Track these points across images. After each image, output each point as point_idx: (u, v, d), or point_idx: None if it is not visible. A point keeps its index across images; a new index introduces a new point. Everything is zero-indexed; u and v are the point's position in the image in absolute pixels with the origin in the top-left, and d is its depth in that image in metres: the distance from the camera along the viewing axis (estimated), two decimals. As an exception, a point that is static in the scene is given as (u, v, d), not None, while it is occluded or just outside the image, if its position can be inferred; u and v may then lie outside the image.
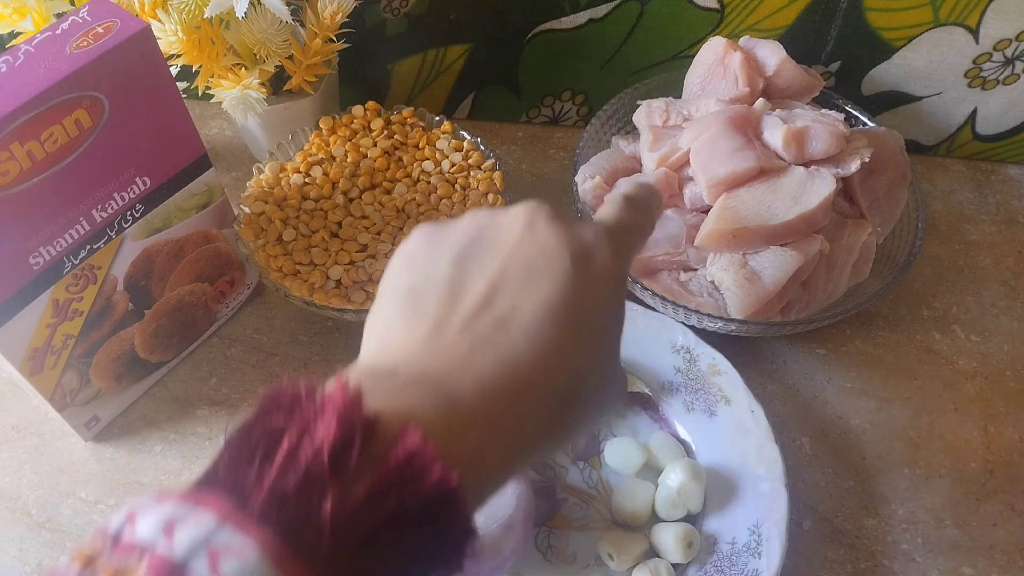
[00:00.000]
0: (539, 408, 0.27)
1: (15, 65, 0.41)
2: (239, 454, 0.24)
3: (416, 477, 0.23)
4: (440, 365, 0.27)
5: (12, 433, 0.57)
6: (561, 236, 0.30)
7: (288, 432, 0.23)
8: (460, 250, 0.30)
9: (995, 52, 0.63)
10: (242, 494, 0.22)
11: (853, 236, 0.57)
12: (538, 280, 0.29)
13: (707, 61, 0.61)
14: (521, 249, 0.30)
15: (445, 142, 0.61)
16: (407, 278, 0.31)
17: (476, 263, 0.30)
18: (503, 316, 0.28)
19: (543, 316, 0.28)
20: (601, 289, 0.30)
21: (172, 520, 0.22)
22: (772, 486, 0.50)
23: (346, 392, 0.24)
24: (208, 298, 0.59)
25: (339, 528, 0.22)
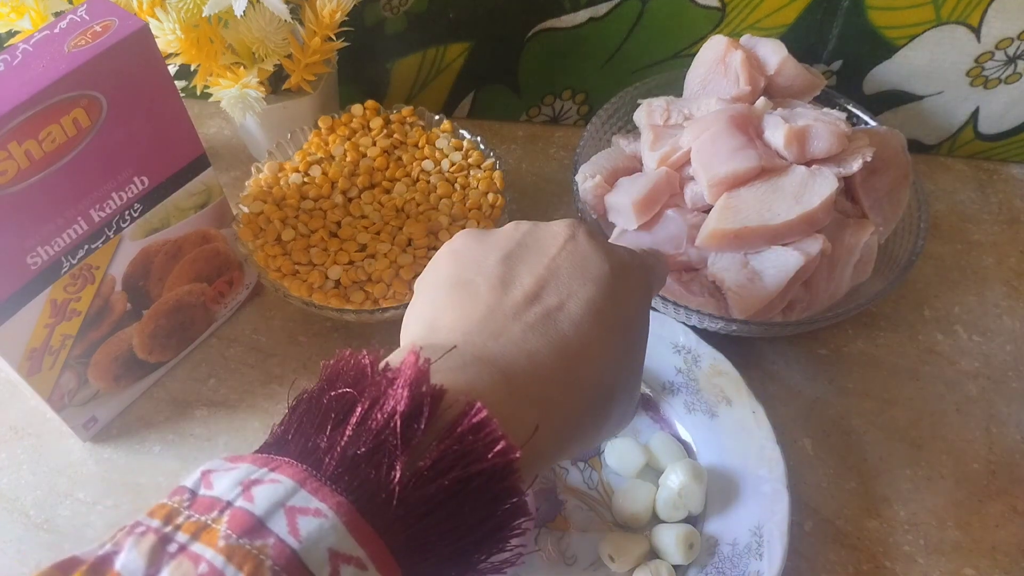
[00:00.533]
0: (584, 396, 0.29)
1: (13, 64, 0.41)
2: (308, 420, 0.24)
3: (480, 451, 0.24)
4: (497, 346, 0.28)
5: (10, 434, 0.56)
6: (601, 249, 0.32)
7: (360, 401, 0.24)
8: (507, 251, 0.32)
9: (997, 51, 0.63)
10: (316, 458, 0.23)
11: (855, 236, 0.56)
12: (583, 281, 0.30)
13: (708, 60, 0.61)
14: (564, 255, 0.32)
15: (445, 141, 0.61)
16: (455, 272, 0.32)
17: (523, 263, 0.31)
18: (552, 308, 0.29)
19: (589, 312, 0.30)
20: (636, 300, 0.32)
21: (249, 480, 0.22)
22: (773, 487, 0.50)
23: (417, 363, 0.25)
24: (207, 298, 0.58)
25: (406, 495, 0.23)
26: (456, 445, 0.24)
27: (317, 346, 0.60)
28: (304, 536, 0.21)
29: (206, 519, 0.21)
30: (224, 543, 0.21)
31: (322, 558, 0.21)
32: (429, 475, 0.23)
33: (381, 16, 0.66)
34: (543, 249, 0.32)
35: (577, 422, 0.29)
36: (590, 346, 0.29)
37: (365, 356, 0.26)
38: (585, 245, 0.32)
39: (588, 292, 0.30)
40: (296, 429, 0.24)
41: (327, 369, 0.26)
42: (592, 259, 0.32)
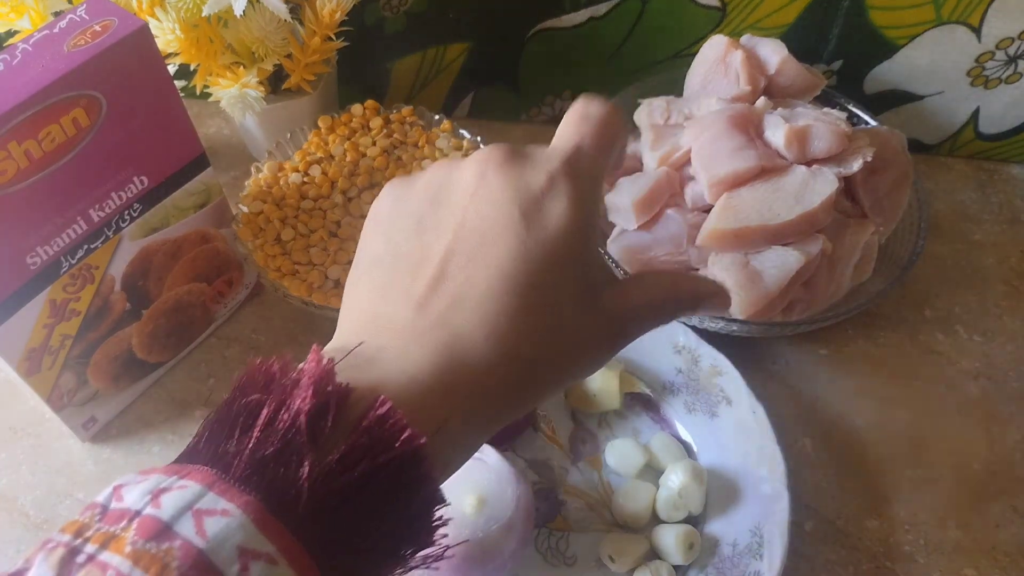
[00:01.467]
0: (498, 378, 0.28)
1: (12, 64, 0.41)
2: (219, 428, 0.25)
3: (387, 441, 0.24)
4: (400, 343, 0.27)
5: (9, 434, 0.56)
6: (511, 188, 0.29)
7: (267, 405, 0.24)
8: (419, 215, 0.31)
9: (997, 51, 0.63)
10: (224, 463, 0.24)
11: (855, 236, 0.56)
12: (489, 246, 0.28)
13: (708, 60, 0.61)
14: (473, 208, 0.29)
15: (445, 141, 0.61)
16: (373, 245, 0.31)
17: (432, 231, 0.30)
18: (457, 292, 0.28)
19: (495, 286, 0.28)
20: (557, 242, 0.29)
21: (158, 489, 0.23)
22: (774, 487, 0.50)
23: (320, 365, 0.25)
24: (206, 298, 0.58)
25: (316, 490, 0.23)
26: (363, 438, 0.24)
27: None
28: (211, 536, 0.22)
29: (115, 529, 0.22)
30: (131, 548, 0.21)
31: (230, 555, 0.21)
32: (338, 469, 0.24)
33: (381, 16, 0.66)
34: (453, 206, 0.30)
35: (496, 403, 0.28)
36: (499, 325, 0.28)
37: (274, 362, 0.26)
38: (494, 187, 0.29)
39: (495, 259, 0.28)
40: (207, 438, 0.25)
41: (239, 378, 0.26)
42: (500, 207, 0.29)
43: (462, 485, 0.46)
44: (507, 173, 0.30)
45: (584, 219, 0.30)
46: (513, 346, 0.28)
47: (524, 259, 0.28)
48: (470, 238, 0.29)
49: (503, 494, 0.46)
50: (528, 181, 0.30)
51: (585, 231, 0.30)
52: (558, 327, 0.29)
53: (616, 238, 0.58)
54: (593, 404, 0.54)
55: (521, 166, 0.30)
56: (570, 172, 0.30)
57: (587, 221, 0.30)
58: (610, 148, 0.33)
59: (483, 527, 0.45)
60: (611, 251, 0.57)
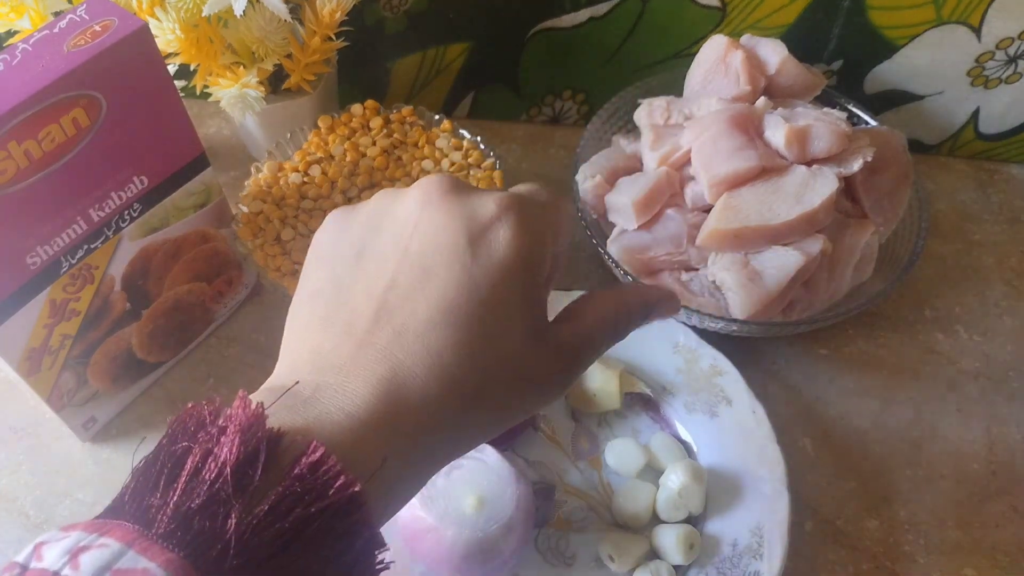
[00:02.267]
0: (441, 414, 0.27)
1: (12, 64, 0.41)
2: (144, 480, 0.24)
3: (320, 489, 0.23)
4: (339, 381, 0.26)
5: (9, 434, 0.56)
6: (457, 216, 0.28)
7: (192, 453, 0.23)
8: (362, 245, 0.29)
9: (998, 51, 0.63)
10: (147, 518, 0.22)
11: (855, 236, 0.56)
12: (432, 277, 0.28)
13: (708, 59, 0.61)
14: (417, 238, 0.28)
15: (445, 141, 0.61)
16: (316, 276, 0.30)
17: (375, 261, 0.29)
18: (400, 325, 0.27)
19: (437, 319, 0.27)
20: (503, 272, 0.28)
21: (77, 547, 0.22)
22: (774, 487, 0.50)
23: (248, 410, 0.24)
24: (206, 298, 0.58)
25: (244, 543, 0.22)
26: (294, 486, 0.23)
27: (317, 346, 0.59)
28: None
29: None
30: None
31: None
32: (268, 520, 0.22)
33: (381, 16, 0.66)
34: (396, 234, 0.29)
35: (440, 438, 0.27)
36: (441, 358, 0.26)
37: (204, 407, 0.25)
38: (439, 215, 0.28)
39: (438, 291, 0.27)
40: (132, 490, 0.24)
41: (170, 424, 0.25)
42: (444, 235, 0.28)
43: (462, 485, 0.46)
44: (453, 201, 0.29)
45: (532, 251, 0.29)
46: (456, 380, 0.27)
47: (469, 289, 0.27)
48: (413, 267, 0.28)
49: (503, 494, 0.46)
50: (475, 208, 0.29)
51: (533, 263, 0.29)
52: (504, 360, 0.28)
53: (616, 238, 0.58)
54: (593, 404, 0.54)
55: (467, 195, 0.29)
56: (518, 204, 0.29)
57: (535, 253, 0.29)
58: (562, 216, 0.32)
59: (483, 527, 0.45)
60: (611, 251, 0.57)
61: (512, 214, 0.29)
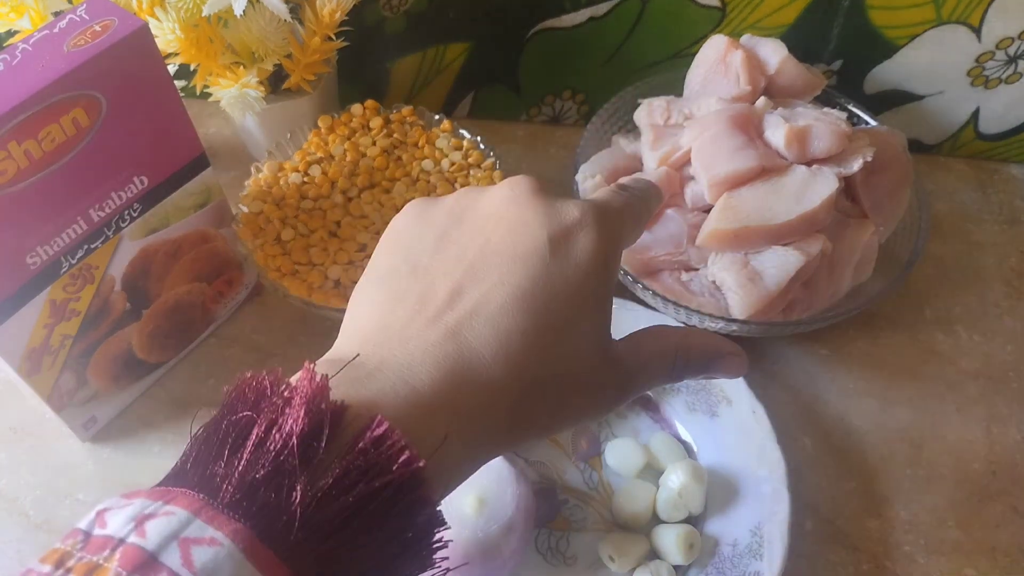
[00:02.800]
0: (502, 398, 0.27)
1: (12, 64, 0.41)
2: (207, 448, 0.24)
3: (383, 464, 0.23)
4: (405, 355, 0.27)
5: (9, 434, 0.56)
6: (542, 214, 0.29)
7: (257, 424, 0.23)
8: (443, 231, 0.30)
9: (998, 51, 0.63)
10: (212, 487, 0.23)
11: (855, 236, 0.56)
12: (512, 266, 0.28)
13: (708, 59, 0.61)
14: (500, 230, 0.29)
15: (445, 141, 0.61)
16: (390, 258, 0.31)
17: (455, 246, 0.29)
18: (473, 307, 0.27)
19: (511, 306, 0.27)
20: (579, 274, 0.28)
21: (143, 515, 0.22)
22: (774, 487, 0.50)
23: (313, 382, 0.24)
24: (206, 298, 0.58)
25: (309, 516, 0.22)
26: (358, 460, 0.23)
27: (317, 346, 0.59)
28: (199, 567, 0.20)
29: (98, 559, 0.21)
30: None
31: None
32: (332, 493, 0.23)
33: (381, 16, 0.66)
34: (480, 225, 0.30)
35: (499, 425, 0.27)
36: (509, 346, 0.27)
37: (265, 377, 0.25)
38: (525, 211, 0.29)
39: (516, 279, 0.28)
40: (195, 458, 0.24)
41: (228, 394, 0.25)
42: (527, 230, 0.29)
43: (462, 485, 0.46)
44: (539, 200, 0.30)
45: (608, 260, 0.30)
46: (520, 367, 0.27)
47: (545, 283, 0.28)
48: (493, 256, 0.29)
49: (503, 494, 0.46)
50: (560, 211, 0.30)
51: (609, 271, 0.30)
52: (567, 357, 0.28)
53: (616, 238, 0.58)
54: (593, 404, 0.54)
55: (553, 197, 0.30)
56: (601, 215, 0.30)
57: (611, 262, 0.30)
58: (643, 215, 0.34)
59: (483, 527, 0.45)
60: (611, 251, 0.57)
61: (596, 222, 0.30)
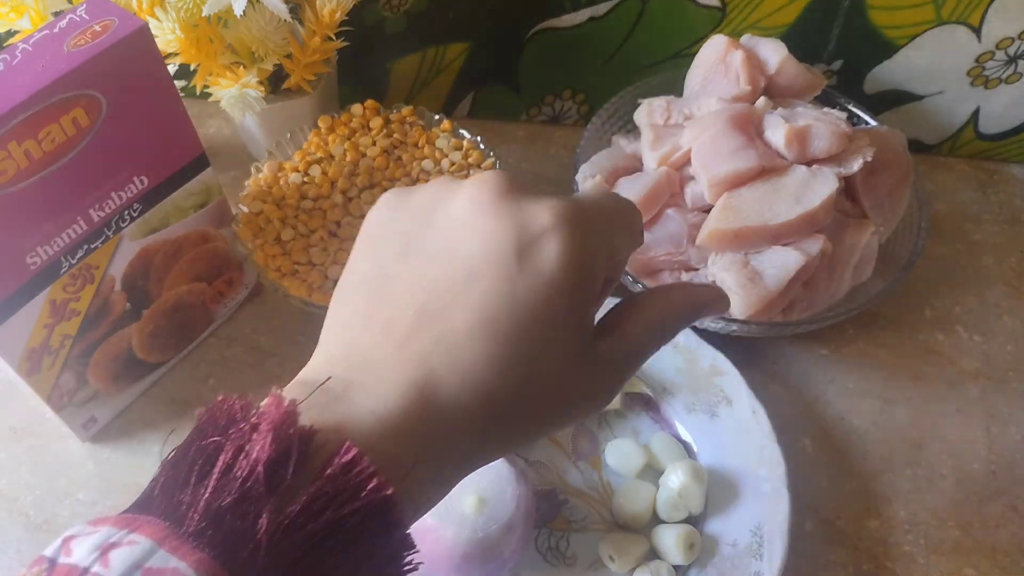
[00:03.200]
0: (472, 424, 0.26)
1: (12, 64, 0.41)
2: (174, 474, 0.23)
3: (352, 490, 0.23)
4: (374, 381, 0.26)
5: (9, 434, 0.56)
6: (507, 221, 0.27)
7: (224, 450, 0.23)
8: (412, 234, 0.29)
9: (998, 51, 0.63)
10: (177, 514, 0.22)
11: (855, 236, 0.56)
12: (475, 285, 0.26)
13: (708, 59, 0.61)
14: (465, 239, 0.27)
15: (445, 141, 0.61)
16: (363, 262, 0.30)
17: (423, 255, 0.28)
18: (439, 333, 0.26)
19: (475, 331, 0.26)
20: (550, 288, 0.26)
21: (107, 544, 0.21)
22: (774, 487, 0.50)
23: (281, 407, 0.24)
24: (206, 298, 0.58)
25: (275, 544, 0.22)
26: (327, 486, 0.23)
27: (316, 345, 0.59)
28: None
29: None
30: None
31: None
32: (300, 521, 0.22)
33: (381, 16, 0.66)
34: (445, 232, 0.28)
35: (470, 447, 0.27)
36: (476, 370, 0.26)
37: (235, 402, 0.24)
38: (491, 219, 0.27)
39: (480, 299, 0.26)
40: (163, 484, 0.24)
41: (200, 417, 0.25)
42: (492, 241, 0.27)
43: (462, 485, 0.46)
44: (506, 205, 0.27)
45: (582, 267, 0.27)
46: (490, 394, 0.26)
47: (511, 302, 0.26)
48: (458, 271, 0.27)
49: (503, 494, 0.46)
50: (528, 216, 0.27)
51: (582, 280, 0.27)
52: (541, 377, 0.27)
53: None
54: (593, 404, 0.54)
55: (523, 199, 0.28)
56: (575, 213, 0.27)
57: (585, 269, 0.28)
58: (627, 219, 0.31)
59: (483, 527, 0.45)
60: (611, 251, 0.57)
61: (565, 226, 0.27)
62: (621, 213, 0.31)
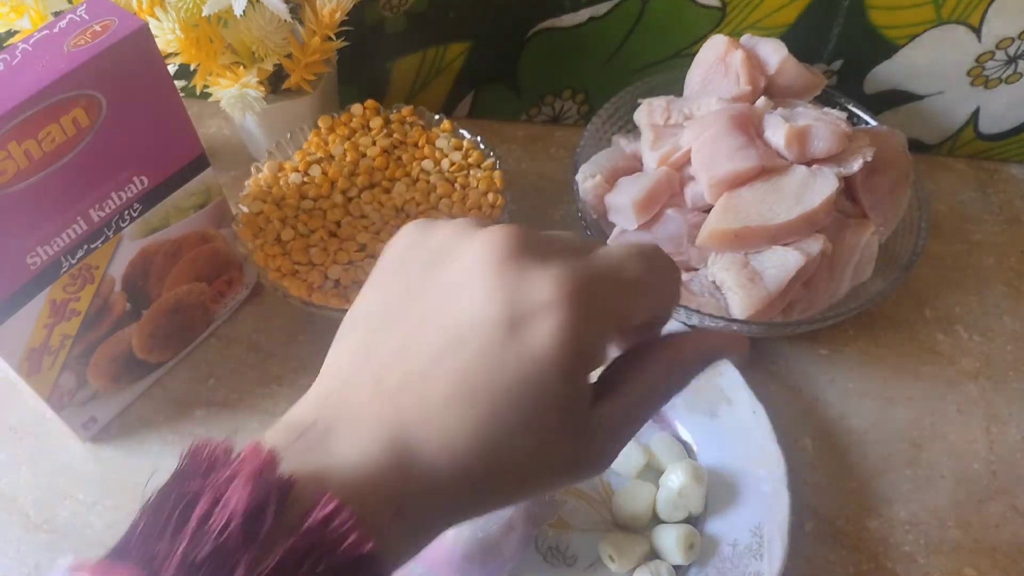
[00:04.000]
0: (450, 487, 0.25)
1: (12, 64, 0.41)
2: (154, 519, 0.23)
3: (331, 544, 0.22)
4: (357, 432, 0.25)
5: (9, 434, 0.56)
6: (506, 290, 0.26)
7: (202, 498, 0.23)
8: (416, 280, 0.28)
9: (998, 51, 0.63)
10: (154, 565, 0.22)
11: (855, 236, 0.56)
12: (463, 352, 0.26)
13: (708, 59, 0.61)
14: (463, 300, 0.26)
15: (445, 141, 0.61)
16: (371, 295, 0.29)
17: (420, 305, 0.27)
18: (422, 395, 0.26)
19: (457, 400, 0.25)
20: (536, 371, 0.25)
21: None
22: (774, 487, 0.50)
23: (260, 455, 0.23)
24: (206, 298, 0.58)
25: None
26: (305, 540, 0.22)
27: (316, 346, 0.59)
28: None
29: None
30: None
31: None
32: (277, 574, 0.22)
33: (381, 16, 0.66)
34: (447, 285, 0.27)
35: (449, 506, 0.26)
36: (454, 437, 0.25)
37: (218, 446, 0.24)
38: (489, 281, 0.26)
39: (465, 365, 0.25)
40: (140, 531, 0.23)
41: (182, 458, 0.24)
42: (486, 307, 0.26)
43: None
44: (509, 269, 0.26)
45: (579, 346, 0.26)
46: (467, 464, 0.25)
47: (494, 374, 0.25)
48: (447, 334, 0.26)
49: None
50: (528, 286, 0.26)
51: (579, 358, 0.26)
52: (525, 450, 0.26)
53: (616, 238, 0.58)
54: (593, 404, 0.54)
55: (529, 264, 0.26)
56: (581, 291, 0.26)
57: (584, 347, 0.26)
58: (655, 294, 0.29)
59: (483, 527, 0.45)
60: (611, 251, 0.57)
61: (566, 303, 0.25)
62: (647, 279, 0.28)
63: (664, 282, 0.29)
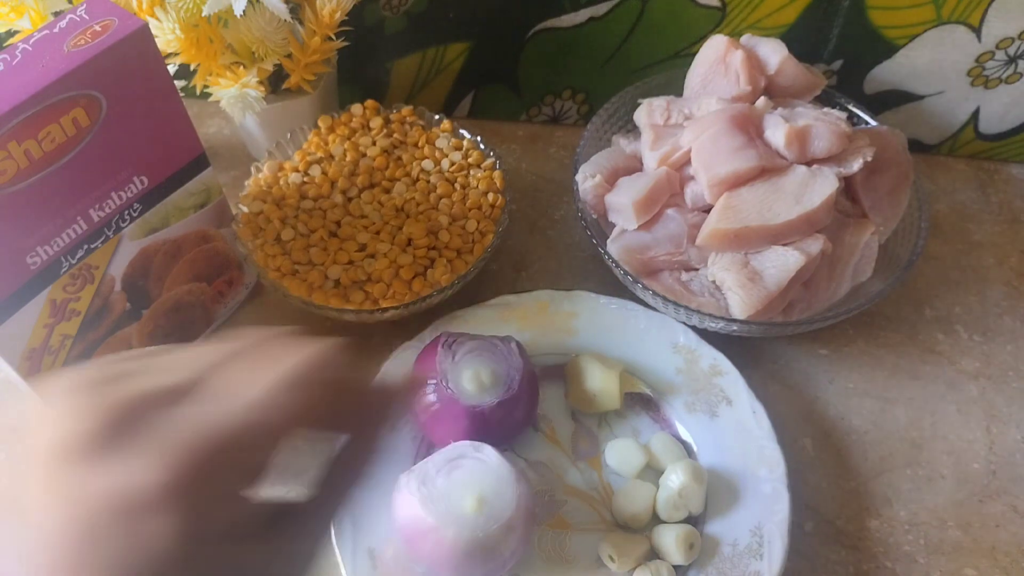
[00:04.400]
0: None
1: (12, 64, 0.41)
2: None
3: None
4: None
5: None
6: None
7: None
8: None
9: (998, 51, 0.63)
10: None
11: (855, 236, 0.56)
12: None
13: (708, 59, 0.61)
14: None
15: (445, 141, 0.61)
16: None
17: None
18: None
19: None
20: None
21: None
22: (774, 487, 0.50)
23: None
24: (206, 298, 0.58)
25: None
26: None
27: (317, 346, 0.59)
28: None
29: None
30: None
31: None
32: None
33: (381, 16, 0.66)
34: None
35: None
36: None
37: None
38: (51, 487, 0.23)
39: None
40: None
41: None
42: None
43: (462, 485, 0.46)
44: (69, 475, 0.22)
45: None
46: None
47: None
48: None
49: (503, 494, 0.46)
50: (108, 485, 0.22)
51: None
52: None
53: (616, 238, 0.58)
54: (593, 404, 0.54)
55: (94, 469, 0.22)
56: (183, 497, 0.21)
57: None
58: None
59: (483, 527, 0.45)
60: (611, 251, 0.57)
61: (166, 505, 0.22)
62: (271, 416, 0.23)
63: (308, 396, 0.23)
